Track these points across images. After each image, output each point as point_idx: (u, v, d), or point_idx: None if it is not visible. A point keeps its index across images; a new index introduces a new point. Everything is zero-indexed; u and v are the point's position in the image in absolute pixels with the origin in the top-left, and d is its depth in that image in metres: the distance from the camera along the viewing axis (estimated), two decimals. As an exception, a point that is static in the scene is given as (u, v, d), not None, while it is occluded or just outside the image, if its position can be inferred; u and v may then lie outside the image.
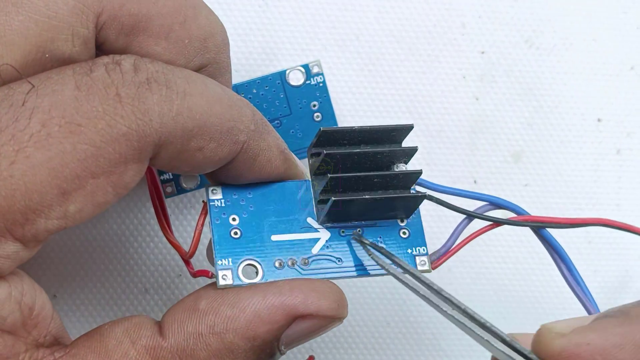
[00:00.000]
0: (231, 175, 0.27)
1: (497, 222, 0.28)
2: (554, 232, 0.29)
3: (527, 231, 0.30)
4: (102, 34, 0.25)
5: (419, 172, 0.27)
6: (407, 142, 0.29)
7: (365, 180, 0.27)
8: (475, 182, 0.36)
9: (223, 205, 0.27)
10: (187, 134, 0.24)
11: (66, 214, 0.23)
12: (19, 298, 0.24)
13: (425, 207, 0.29)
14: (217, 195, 0.27)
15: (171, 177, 0.33)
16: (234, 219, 0.27)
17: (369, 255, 0.27)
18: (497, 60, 0.37)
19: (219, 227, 0.27)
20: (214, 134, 0.25)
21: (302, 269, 0.27)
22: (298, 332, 0.26)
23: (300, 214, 0.27)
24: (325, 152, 0.27)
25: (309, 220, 0.27)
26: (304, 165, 0.29)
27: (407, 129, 0.27)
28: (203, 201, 0.27)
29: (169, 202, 0.35)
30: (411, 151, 0.27)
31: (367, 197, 0.27)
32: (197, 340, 0.25)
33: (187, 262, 0.28)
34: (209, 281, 0.28)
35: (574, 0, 0.37)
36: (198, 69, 0.27)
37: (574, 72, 0.37)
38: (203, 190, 0.34)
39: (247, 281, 0.26)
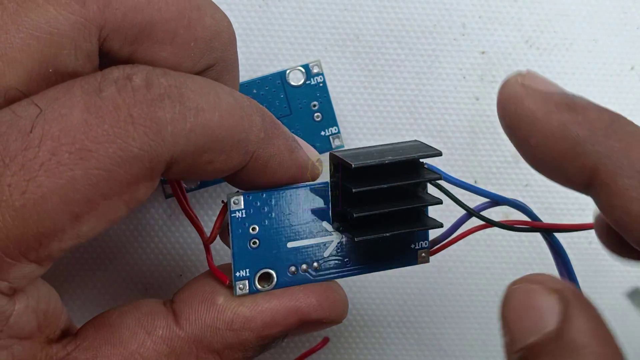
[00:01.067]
0: (243, 182, 0.27)
1: (490, 223, 0.28)
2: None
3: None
4: (105, 45, 0.25)
5: (439, 202, 0.27)
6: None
7: (390, 214, 0.27)
8: (475, 182, 0.36)
9: (244, 215, 0.27)
10: (199, 150, 0.24)
11: (79, 234, 0.23)
12: (35, 306, 0.24)
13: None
14: (238, 206, 0.27)
15: (171, 177, 0.33)
16: (253, 229, 0.27)
17: None
18: (497, 61, 0.37)
19: (239, 239, 0.27)
20: (224, 147, 0.24)
21: (313, 273, 0.28)
22: (303, 330, 0.28)
23: (316, 219, 0.28)
24: (353, 190, 0.26)
25: (324, 224, 0.28)
26: (315, 151, 0.29)
27: (433, 155, 0.27)
28: (222, 201, 0.27)
29: (169, 202, 0.35)
30: (434, 178, 0.27)
31: (387, 234, 0.27)
32: (214, 334, 0.26)
33: (207, 249, 0.28)
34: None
35: (574, 1, 0.37)
36: (205, 69, 0.27)
37: (574, 72, 0.37)
38: (204, 190, 0.35)
39: (262, 289, 0.27)
